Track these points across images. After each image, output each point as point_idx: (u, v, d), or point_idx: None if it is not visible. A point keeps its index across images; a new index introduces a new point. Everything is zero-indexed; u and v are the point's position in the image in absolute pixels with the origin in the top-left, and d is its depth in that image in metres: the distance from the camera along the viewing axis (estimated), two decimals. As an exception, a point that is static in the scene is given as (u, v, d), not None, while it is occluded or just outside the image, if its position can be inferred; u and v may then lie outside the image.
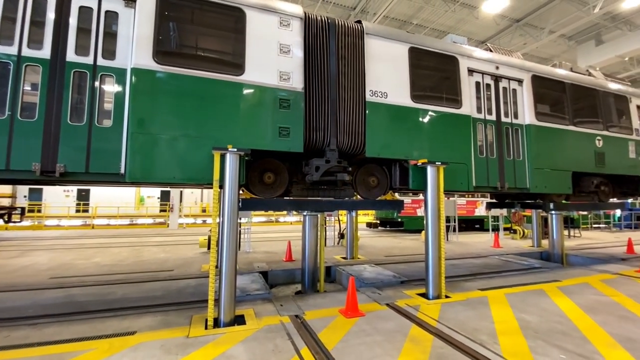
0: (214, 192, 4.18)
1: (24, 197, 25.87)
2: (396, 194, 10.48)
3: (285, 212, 16.46)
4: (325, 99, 5.14)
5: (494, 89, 6.71)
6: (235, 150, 4.18)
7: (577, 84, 7.72)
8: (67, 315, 4.57)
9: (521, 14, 14.53)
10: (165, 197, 28.55)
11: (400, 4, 13.39)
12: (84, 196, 28.50)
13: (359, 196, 6.05)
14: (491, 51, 7.11)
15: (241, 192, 5.69)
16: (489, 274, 7.33)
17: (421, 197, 9.81)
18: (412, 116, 5.74)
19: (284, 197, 5.61)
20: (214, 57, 4.84)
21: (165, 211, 23.66)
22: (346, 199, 5.83)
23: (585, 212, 17.90)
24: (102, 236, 14.31)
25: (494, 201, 10.07)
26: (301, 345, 3.55)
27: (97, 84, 4.13)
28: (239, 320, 4.20)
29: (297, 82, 4.90)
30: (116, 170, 4.12)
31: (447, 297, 5.28)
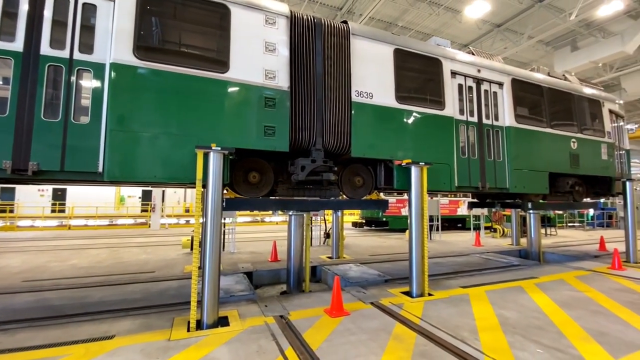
0: (196, 192, 4.10)
1: (-5, 196, 24.69)
2: (381, 194, 10.61)
3: (270, 212, 16.34)
4: (311, 99, 5.13)
5: (475, 92, 6.87)
6: (219, 149, 4.11)
7: (554, 88, 8.01)
8: (41, 319, 4.36)
9: (502, 19, 14.98)
10: (146, 196, 27.74)
11: (386, 5, 13.54)
12: (60, 196, 27.40)
13: (344, 196, 6.07)
14: (473, 54, 7.29)
15: (225, 191, 5.61)
16: (471, 271, 7.51)
17: (405, 196, 9.94)
18: (397, 117, 5.81)
19: (270, 197, 5.56)
20: (197, 54, 4.72)
21: (146, 211, 23.02)
22: (332, 198, 5.84)
23: (561, 212, 18.61)
24: (79, 237, 13.79)
25: (476, 201, 10.33)
26: (286, 345, 3.53)
27: (73, 78, 3.97)
28: (223, 322, 4.13)
29: (282, 80, 4.87)
30: (94, 168, 3.97)
31: (430, 295, 5.37)
